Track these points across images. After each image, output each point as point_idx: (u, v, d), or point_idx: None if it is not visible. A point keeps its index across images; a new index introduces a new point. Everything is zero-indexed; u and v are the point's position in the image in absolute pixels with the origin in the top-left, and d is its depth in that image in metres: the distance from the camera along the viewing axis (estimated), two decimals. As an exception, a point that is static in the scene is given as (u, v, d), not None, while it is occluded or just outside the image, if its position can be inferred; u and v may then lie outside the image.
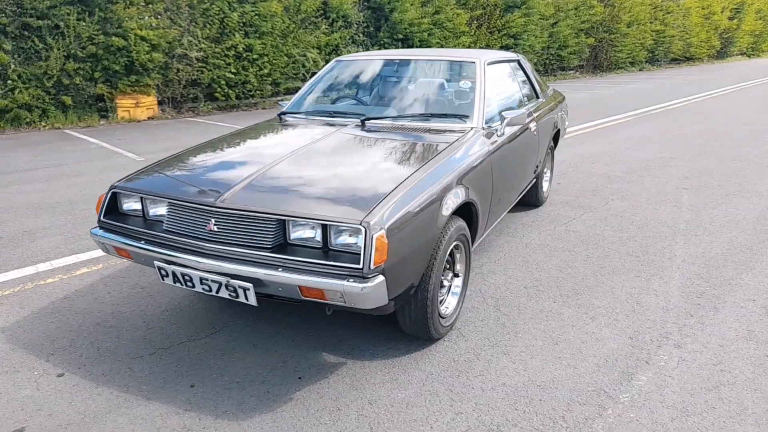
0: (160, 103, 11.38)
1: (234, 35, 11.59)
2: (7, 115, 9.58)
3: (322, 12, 13.43)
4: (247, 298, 2.09)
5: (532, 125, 3.73)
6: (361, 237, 1.95)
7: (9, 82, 9.43)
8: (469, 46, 16.84)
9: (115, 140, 8.40)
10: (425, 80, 3.40)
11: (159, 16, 10.75)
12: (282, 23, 12.36)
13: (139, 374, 2.33)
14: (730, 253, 3.66)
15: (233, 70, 11.69)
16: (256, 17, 11.88)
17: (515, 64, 4.07)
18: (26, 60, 9.60)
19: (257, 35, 12.04)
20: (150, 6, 10.59)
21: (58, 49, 9.75)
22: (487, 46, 17.62)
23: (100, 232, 2.41)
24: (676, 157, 6.58)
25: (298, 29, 12.88)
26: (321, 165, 2.52)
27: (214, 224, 2.13)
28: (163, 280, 2.24)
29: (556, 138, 4.82)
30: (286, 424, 2.03)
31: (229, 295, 2.12)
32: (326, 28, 13.44)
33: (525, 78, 4.16)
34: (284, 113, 3.43)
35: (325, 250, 2.05)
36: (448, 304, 2.67)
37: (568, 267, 3.46)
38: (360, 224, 1.96)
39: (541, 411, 2.12)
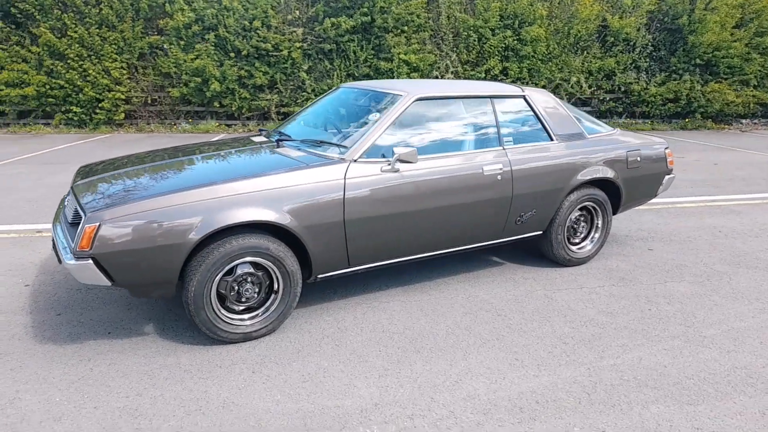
0: (417, 118, 12.77)
1: (490, 59, 12.08)
2: (299, 119, 12.36)
3: (597, 35, 12.67)
4: (59, 259, 2.86)
5: (489, 168, 3.36)
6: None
7: (304, 93, 12.14)
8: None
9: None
10: (351, 110, 3.49)
11: (425, 43, 12.07)
12: (545, 47, 12.23)
13: (48, 296, 3.37)
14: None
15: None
16: (516, 42, 12.09)
17: (516, 102, 3.64)
18: (318, 78, 12.17)
19: (516, 59, 12.24)
20: (419, 34, 12.00)
21: (341, 69, 12.04)
22: None
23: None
24: None
25: (565, 53, 12.51)
26: (172, 170, 3.08)
27: (68, 200, 3.00)
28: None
29: (613, 194, 4.00)
30: (52, 357, 2.75)
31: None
32: (597, 52, 12.63)
33: (531, 118, 3.67)
34: (262, 130, 4.00)
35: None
36: (240, 318, 2.88)
37: (465, 329, 3.08)
38: (85, 213, 2.53)
39: (188, 417, 2.29)
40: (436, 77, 12.14)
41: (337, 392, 2.49)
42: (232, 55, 11.65)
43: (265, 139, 3.71)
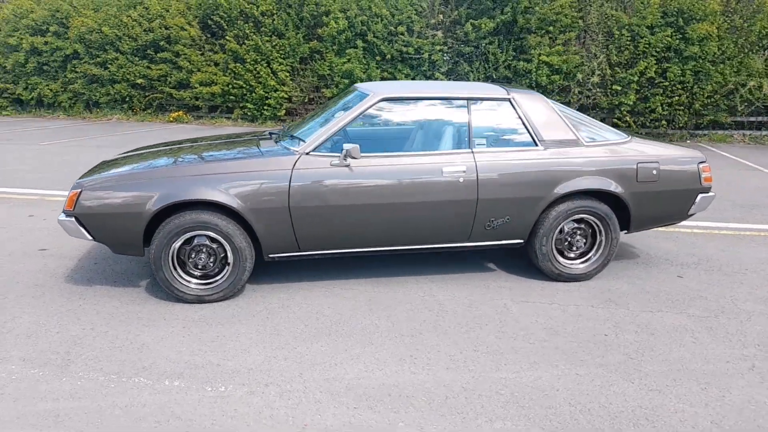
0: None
1: (642, 60, 11.00)
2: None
3: (790, 31, 10.72)
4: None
5: (449, 170, 3.34)
6: (74, 189, 3.24)
7: (443, 95, 12.40)
8: None
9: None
10: (337, 108, 3.71)
11: (567, 43, 11.45)
12: (716, 46, 10.74)
13: (98, 248, 4.24)
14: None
15: (631, 99, 11.12)
16: (679, 41, 10.82)
17: (498, 104, 3.51)
18: (456, 80, 12.32)
19: (678, 60, 10.95)
20: (565, 34, 11.42)
21: (479, 71, 12.04)
22: None
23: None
24: None
25: (744, 53, 10.83)
26: (164, 155, 3.65)
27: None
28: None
29: (621, 207, 3.63)
30: (63, 294, 3.53)
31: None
32: (787, 52, 10.67)
33: (515, 122, 3.51)
34: (283, 125, 4.42)
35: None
36: (187, 281, 3.34)
37: (391, 323, 3.16)
38: (77, 180, 3.24)
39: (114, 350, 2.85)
40: (581, 80, 11.44)
41: (229, 354, 2.83)
42: (378, 58, 12.40)
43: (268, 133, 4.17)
